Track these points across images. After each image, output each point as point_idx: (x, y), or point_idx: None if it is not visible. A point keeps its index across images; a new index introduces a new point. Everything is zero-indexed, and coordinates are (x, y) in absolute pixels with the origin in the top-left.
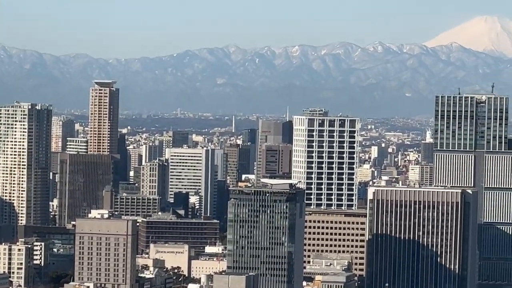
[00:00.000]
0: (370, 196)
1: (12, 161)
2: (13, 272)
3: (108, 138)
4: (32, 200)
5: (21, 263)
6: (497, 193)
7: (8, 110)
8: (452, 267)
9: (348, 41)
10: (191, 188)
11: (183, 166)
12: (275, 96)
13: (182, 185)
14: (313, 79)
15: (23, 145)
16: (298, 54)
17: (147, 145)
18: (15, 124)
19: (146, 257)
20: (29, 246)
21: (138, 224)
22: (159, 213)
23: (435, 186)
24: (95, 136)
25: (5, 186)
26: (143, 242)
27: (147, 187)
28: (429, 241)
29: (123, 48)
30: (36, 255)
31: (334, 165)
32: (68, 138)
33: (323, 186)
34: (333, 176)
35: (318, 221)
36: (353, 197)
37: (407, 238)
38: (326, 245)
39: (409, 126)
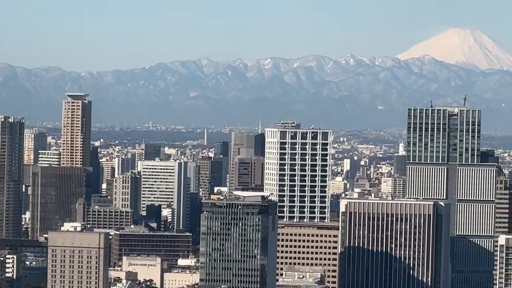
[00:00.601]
0: (342, 208)
1: None
2: None
3: (81, 151)
4: (4, 213)
5: None
6: (470, 206)
7: None
8: (425, 280)
9: (321, 54)
10: (163, 201)
11: (155, 178)
12: (247, 109)
13: (155, 198)
14: (286, 92)
15: None
16: (270, 67)
17: (120, 157)
18: None
19: (118, 269)
20: (1, 258)
21: (110, 237)
22: (132, 226)
23: (407, 198)
24: (68, 149)
25: None
26: (115, 254)
27: (119, 199)
28: (402, 253)
29: (95, 61)
30: (8, 267)
31: (306, 178)
32: (40, 151)
33: (295, 199)
34: (306, 189)
35: (291, 234)
36: (326, 210)
37: (379, 250)
38: (299, 258)
39: (381, 139)
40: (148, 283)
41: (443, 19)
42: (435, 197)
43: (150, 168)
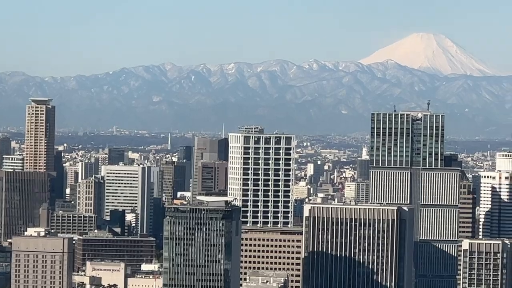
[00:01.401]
0: (306, 213)
1: None
2: None
3: (45, 156)
4: None
5: None
6: (433, 210)
7: None
8: (388, 285)
9: (284, 58)
10: (127, 206)
11: (119, 183)
12: (210, 114)
13: (118, 203)
14: (249, 96)
15: None
16: (233, 72)
17: (83, 162)
18: None
19: (82, 274)
20: None
21: (74, 241)
22: (95, 230)
23: (371, 203)
24: (32, 154)
25: None
26: (79, 259)
27: (83, 204)
28: (365, 258)
29: (59, 66)
30: None
31: (270, 183)
32: (4, 156)
33: (259, 204)
34: (269, 194)
35: (254, 239)
36: (289, 215)
37: (343, 255)
38: (263, 263)
39: (345, 143)
40: None
41: (406, 24)
42: (398, 202)
43: (113, 173)
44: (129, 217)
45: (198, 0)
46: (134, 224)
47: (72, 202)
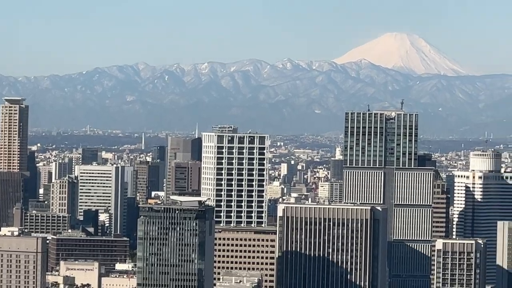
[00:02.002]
0: (279, 213)
1: None
2: None
3: (18, 156)
4: None
5: None
6: (407, 210)
7: None
8: (362, 284)
9: (257, 58)
10: (100, 206)
11: (92, 183)
12: (184, 113)
13: (92, 203)
14: (222, 96)
15: None
16: (207, 71)
17: (57, 162)
18: None
19: (56, 274)
20: None
21: (48, 241)
22: (69, 230)
23: (344, 203)
24: (5, 154)
25: None
26: (53, 259)
27: (56, 204)
28: (339, 258)
29: (32, 65)
30: None
31: (243, 182)
32: None
33: (232, 203)
34: (243, 193)
35: (228, 239)
36: (263, 214)
37: (317, 255)
38: (236, 262)
39: (318, 143)
40: None
41: (380, 24)
42: (372, 202)
43: (87, 173)
44: (103, 217)
45: (171, 0)
46: (107, 224)
47: (46, 202)
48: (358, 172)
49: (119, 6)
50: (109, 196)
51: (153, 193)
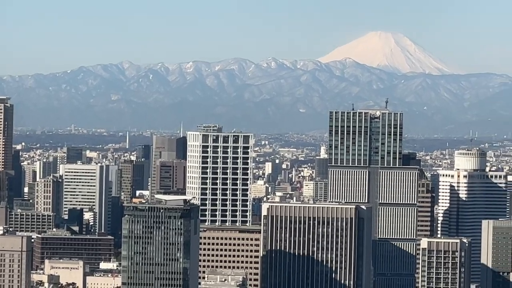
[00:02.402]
0: (264, 212)
1: None
2: None
3: (3, 154)
4: None
5: None
6: (392, 209)
7: None
8: (347, 283)
9: (242, 57)
10: (85, 204)
11: (77, 182)
12: (169, 112)
13: (77, 201)
14: (207, 95)
15: None
16: (192, 70)
17: (42, 161)
18: None
19: (41, 273)
20: None
21: (33, 240)
22: (54, 229)
23: (329, 202)
24: None
25: None
26: (38, 258)
27: (41, 203)
28: (324, 257)
29: (17, 65)
30: None
31: (228, 181)
32: None
33: (217, 202)
34: (228, 192)
35: (213, 238)
36: (248, 213)
37: (301, 254)
38: (221, 261)
39: (303, 142)
40: (71, 287)
41: (365, 22)
42: (357, 201)
43: (72, 172)
44: (87, 215)
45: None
46: (92, 223)
47: (31, 201)
48: (342, 171)
49: (103, 5)
50: (94, 195)
51: (137, 192)
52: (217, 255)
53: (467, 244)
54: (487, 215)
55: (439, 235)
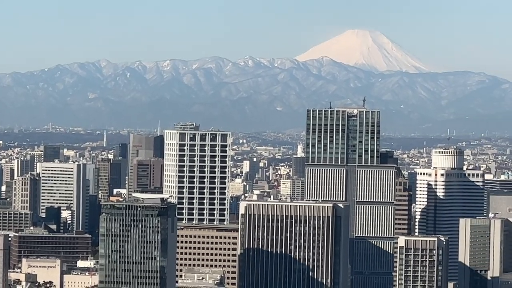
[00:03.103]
0: (242, 210)
1: None
2: None
3: None
4: None
5: None
6: (369, 207)
7: None
8: (324, 281)
9: (219, 55)
10: (62, 203)
11: (54, 180)
12: (146, 111)
13: (54, 200)
14: (184, 94)
15: None
16: (169, 69)
17: (19, 159)
18: None
19: (18, 271)
20: None
21: (10, 238)
22: (31, 227)
23: (306, 200)
24: None
25: None
26: (15, 256)
27: (18, 201)
28: (301, 255)
29: None
30: None
31: (205, 180)
32: None
33: (194, 201)
34: (205, 191)
35: (190, 236)
36: (225, 212)
37: (279, 252)
38: (198, 260)
39: (280, 140)
40: (48, 285)
41: (342, 21)
42: (334, 199)
43: (49, 170)
44: (65, 214)
45: None
46: (69, 221)
47: (8, 199)
48: (320, 169)
49: (80, 3)
50: (71, 193)
51: (115, 191)
52: (194, 254)
53: (444, 243)
54: (465, 214)
55: (416, 234)
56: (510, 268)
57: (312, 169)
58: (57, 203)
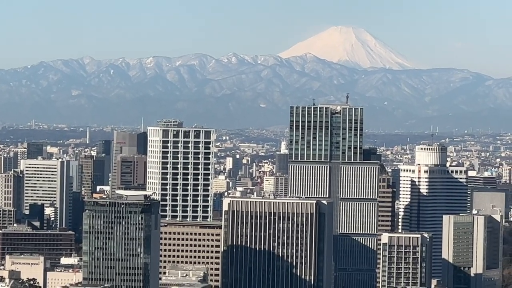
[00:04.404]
0: (225, 207)
1: None
2: None
3: None
4: None
5: None
6: (353, 204)
7: None
8: (308, 278)
9: (203, 52)
10: (46, 200)
11: (38, 177)
12: (130, 108)
13: (37, 197)
14: (168, 90)
15: None
16: (152, 65)
17: (2, 156)
18: None
19: (1, 268)
20: None
21: None
22: (15, 224)
23: (290, 197)
24: None
25: None
26: None
27: (2, 198)
28: (285, 252)
29: None
30: None
31: (189, 176)
32: None
33: (178, 198)
34: (188, 188)
35: (174, 233)
36: (208, 209)
37: (262, 249)
38: (182, 256)
39: (264, 137)
40: (31, 282)
41: (325, 17)
42: (317, 196)
43: (32, 167)
44: (48, 211)
45: None
46: (53, 218)
47: None
48: (303, 166)
49: (64, 1)
50: (55, 190)
51: (98, 188)
52: (178, 250)
53: (428, 239)
54: (448, 210)
55: (400, 230)
56: (493, 265)
57: (296, 166)
58: (40, 200)
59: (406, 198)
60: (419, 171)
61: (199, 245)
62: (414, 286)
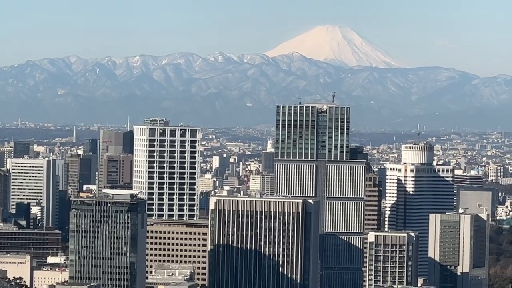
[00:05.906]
0: (211, 206)
1: None
2: None
3: None
4: None
5: None
6: (339, 203)
7: None
8: (294, 277)
9: (189, 51)
10: (32, 199)
11: (24, 176)
12: (116, 106)
13: (24, 196)
14: (154, 89)
15: None
16: (139, 64)
17: None
18: None
19: None
20: None
21: None
22: (1, 223)
23: (276, 196)
24: None
25: None
26: None
27: None
28: (271, 251)
29: None
30: None
31: (175, 175)
32: None
33: (164, 196)
34: (175, 186)
35: (160, 232)
36: (195, 207)
37: (248, 248)
38: (168, 255)
39: (250, 136)
40: (18, 281)
41: (311, 16)
42: (304, 195)
43: (19, 166)
44: (35, 210)
45: None
46: (39, 217)
47: None
48: (289, 165)
49: None
50: (41, 189)
51: (85, 186)
52: (164, 249)
53: (414, 238)
54: (434, 209)
55: (386, 229)
56: (479, 264)
57: (282, 165)
58: (27, 199)
59: (393, 197)
60: (406, 170)
61: (186, 244)
62: (401, 285)
